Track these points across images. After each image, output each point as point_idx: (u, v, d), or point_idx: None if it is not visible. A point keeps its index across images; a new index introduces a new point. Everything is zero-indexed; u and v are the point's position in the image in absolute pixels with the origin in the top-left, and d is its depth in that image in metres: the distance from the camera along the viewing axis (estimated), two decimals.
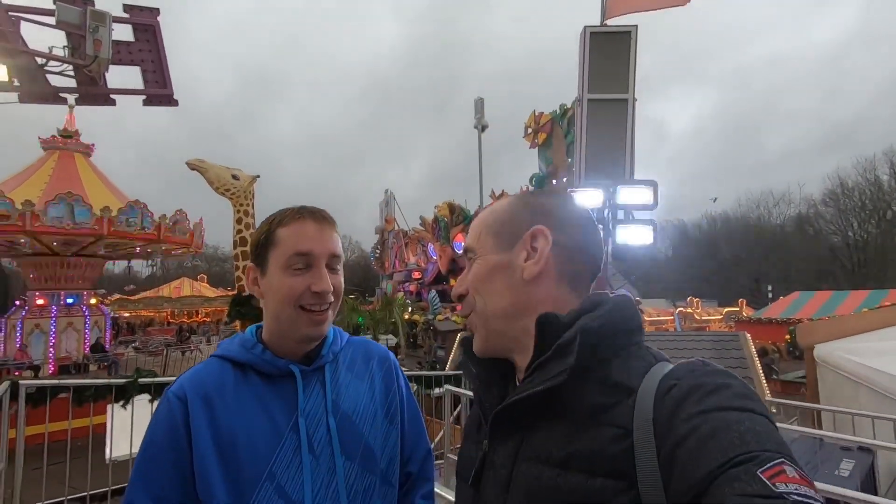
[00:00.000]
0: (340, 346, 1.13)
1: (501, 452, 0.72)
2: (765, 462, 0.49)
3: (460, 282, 0.83)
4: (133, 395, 3.57)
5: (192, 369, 1.04)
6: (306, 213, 1.04)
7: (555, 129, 19.01)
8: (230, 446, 0.94)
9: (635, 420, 0.61)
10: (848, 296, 19.07)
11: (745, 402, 0.57)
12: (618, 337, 0.70)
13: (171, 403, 0.97)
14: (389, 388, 1.15)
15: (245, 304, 6.38)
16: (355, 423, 1.05)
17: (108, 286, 39.56)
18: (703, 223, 52.61)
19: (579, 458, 0.62)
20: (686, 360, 0.66)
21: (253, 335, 1.08)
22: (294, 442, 0.98)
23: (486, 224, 0.82)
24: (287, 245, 1.01)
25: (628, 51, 5.18)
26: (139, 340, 23.38)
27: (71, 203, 13.44)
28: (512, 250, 0.77)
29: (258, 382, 1.02)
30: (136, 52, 6.29)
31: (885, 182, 38.13)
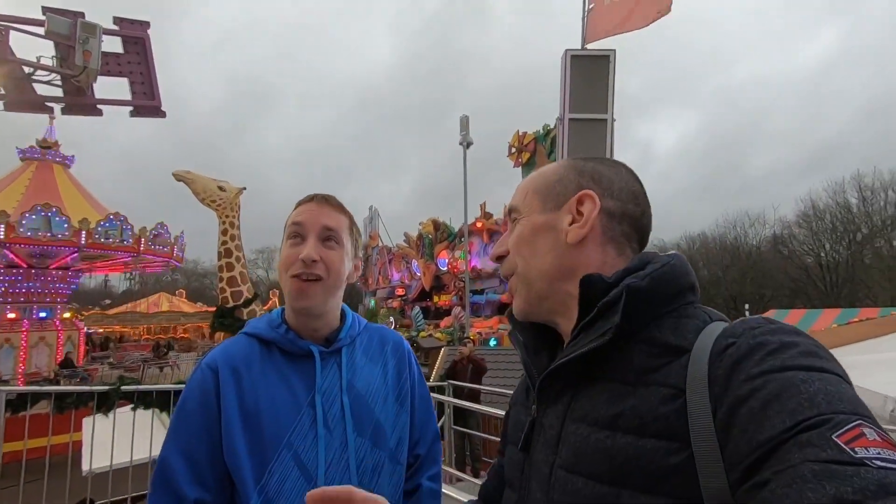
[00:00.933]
0: (358, 331, 1.21)
1: (550, 415, 0.72)
2: (840, 425, 0.45)
3: (500, 242, 0.83)
4: (115, 403, 3.52)
5: (224, 343, 1.15)
6: (312, 196, 1.16)
7: (538, 148, 19.41)
8: (254, 415, 1.03)
9: (688, 380, 0.57)
10: (821, 314, 19.57)
11: (814, 361, 0.52)
12: (668, 296, 0.67)
13: (204, 373, 1.06)
14: (401, 373, 1.23)
15: (228, 315, 6.33)
16: (367, 403, 1.13)
17: (83, 300, 38.49)
18: (682, 242, 53.74)
19: (628, 419, 0.60)
20: (745, 318, 0.63)
21: (279, 316, 1.16)
22: (311, 416, 1.07)
23: (534, 185, 0.81)
24: (289, 220, 1.13)
25: (607, 73, 5.41)
26: (114, 356, 22.70)
27: (48, 214, 13.21)
28: (558, 212, 0.76)
29: (281, 359, 1.10)
30: (125, 63, 6.33)
31: (853, 205, 39.58)
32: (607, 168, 0.79)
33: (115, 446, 3.58)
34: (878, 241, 38.08)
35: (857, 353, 6.63)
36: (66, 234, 13.44)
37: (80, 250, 13.85)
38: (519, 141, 20.01)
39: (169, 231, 16.69)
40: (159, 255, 16.33)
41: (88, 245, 13.81)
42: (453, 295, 23.05)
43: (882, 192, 38.32)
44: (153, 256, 16.19)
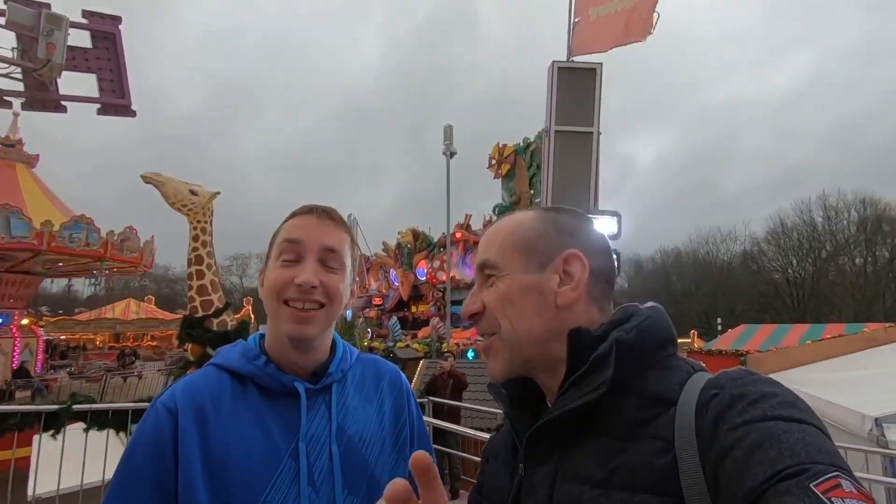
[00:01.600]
0: (350, 364, 1.03)
1: (539, 474, 0.70)
2: (819, 475, 0.46)
3: (473, 299, 0.77)
4: (65, 424, 3.22)
5: (187, 378, 0.94)
6: (311, 209, 0.98)
7: (518, 160, 19.52)
8: (222, 468, 0.84)
9: (676, 432, 0.58)
10: (790, 329, 20.11)
11: (793, 412, 0.54)
12: (653, 348, 0.68)
13: (160, 414, 0.86)
14: (400, 414, 1.06)
15: (197, 326, 6.03)
16: (361, 452, 0.96)
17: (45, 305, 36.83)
18: (657, 257, 54.82)
19: (621, 475, 0.60)
20: (728, 369, 0.64)
21: (256, 344, 0.98)
22: (293, 470, 0.87)
23: (513, 240, 0.76)
24: (281, 236, 0.95)
25: (594, 86, 5.39)
26: (75, 365, 21.66)
27: (7, 215, 12.55)
28: (543, 272, 0.73)
29: (258, 398, 0.91)
30: (93, 59, 6.02)
31: (819, 224, 41.09)
32: (582, 223, 0.78)
33: (64, 468, 3.29)
34: (842, 258, 39.59)
35: (831, 371, 6.73)
36: (27, 236, 12.78)
37: (41, 254, 13.17)
38: (499, 153, 20.09)
39: (138, 235, 16.06)
40: (127, 261, 15.67)
41: (51, 248, 13.13)
42: (431, 305, 22.87)
43: (845, 211, 39.98)
44: (121, 261, 15.53)
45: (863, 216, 38.93)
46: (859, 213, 39.20)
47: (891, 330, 7.53)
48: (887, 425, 4.32)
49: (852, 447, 4.09)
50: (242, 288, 55.81)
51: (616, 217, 5.20)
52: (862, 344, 7.56)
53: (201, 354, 5.96)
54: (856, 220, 39.36)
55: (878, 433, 4.54)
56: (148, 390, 14.44)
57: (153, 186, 6.28)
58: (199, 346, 6.00)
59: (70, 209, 15.86)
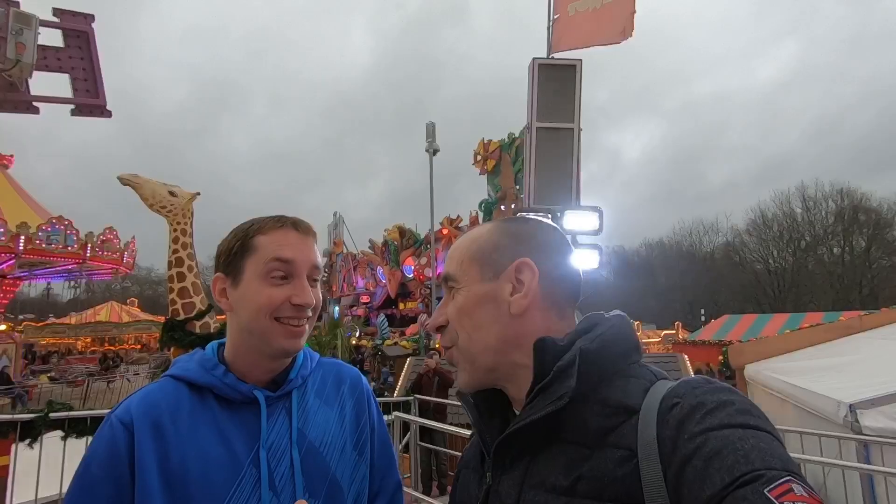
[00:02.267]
0: (310, 369, 1.04)
1: (506, 482, 0.71)
2: (772, 480, 0.49)
3: (439, 312, 0.79)
4: (42, 433, 3.16)
5: (143, 390, 0.93)
6: (288, 222, 0.96)
7: (503, 156, 19.55)
8: (181, 482, 0.84)
9: (639, 440, 0.60)
10: (771, 318, 20.55)
11: (748, 419, 0.57)
12: (616, 357, 0.70)
13: (115, 429, 0.86)
14: (360, 417, 1.06)
15: (178, 329, 5.95)
16: (322, 455, 0.96)
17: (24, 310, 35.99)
18: (642, 250, 55.43)
19: (586, 483, 0.61)
20: (687, 378, 0.66)
21: (214, 353, 0.97)
22: (254, 476, 0.88)
23: (469, 252, 0.78)
24: (267, 251, 0.93)
25: (574, 83, 5.42)
26: (56, 369, 21.20)
27: None
28: (497, 281, 0.75)
29: (217, 408, 0.91)
30: (65, 58, 5.88)
31: (798, 214, 41.90)
32: (540, 231, 0.79)
33: (42, 477, 3.23)
34: (821, 248, 40.45)
35: (808, 359, 6.88)
36: (2, 239, 12.48)
37: (17, 257, 12.87)
38: (484, 149, 20.10)
39: (118, 237, 15.77)
40: (107, 262, 15.39)
41: (28, 251, 12.85)
42: (419, 302, 22.86)
43: (824, 202, 40.79)
44: (100, 263, 15.24)
45: (840, 207, 39.81)
46: (837, 203, 40.08)
47: (866, 318, 7.72)
48: (861, 412, 4.44)
49: (826, 433, 4.19)
50: None
51: (598, 212, 5.24)
52: (838, 332, 7.74)
53: None
54: (833, 210, 40.24)
55: (852, 419, 4.66)
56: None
57: (131, 188, 6.17)
58: (182, 349, 5.93)
59: (46, 210, 15.52)
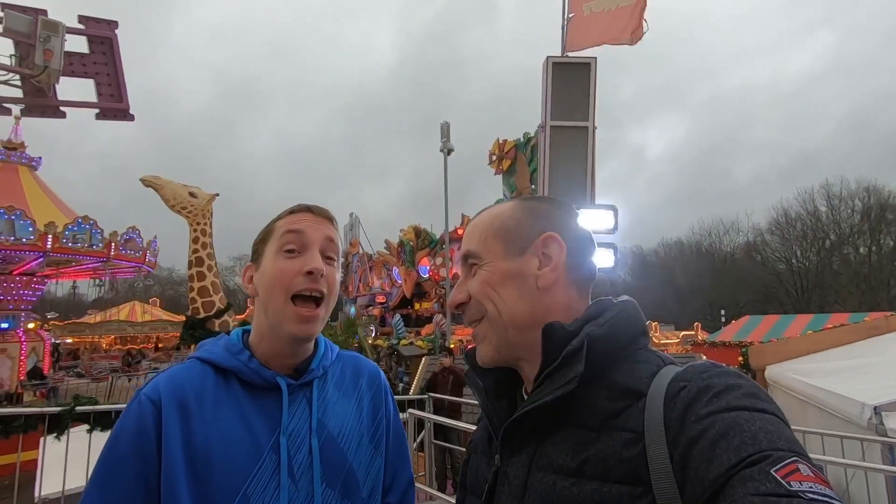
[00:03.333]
0: (330, 360, 1.06)
1: (515, 464, 0.72)
2: (778, 461, 0.50)
3: (459, 289, 0.79)
4: (68, 426, 3.26)
5: (170, 370, 0.95)
6: (305, 207, 1.01)
7: (518, 156, 19.46)
8: (204, 461, 0.86)
9: (646, 423, 0.61)
10: (794, 319, 20.06)
11: (755, 402, 0.57)
12: (624, 342, 0.71)
13: (143, 406, 0.88)
14: (377, 411, 1.08)
15: (199, 327, 6.08)
16: (339, 447, 0.98)
17: (51, 310, 37.08)
18: (660, 250, 54.65)
19: (592, 465, 0.62)
20: (694, 362, 0.67)
21: (239, 338, 1.00)
22: (273, 462, 0.90)
23: (492, 229, 0.78)
24: (282, 229, 0.97)
25: (588, 81, 5.38)
26: (82, 365, 21.81)
27: (11, 217, 12.66)
28: (522, 257, 0.76)
29: (240, 392, 0.94)
30: (90, 64, 6.05)
31: (822, 213, 40.87)
32: (559, 209, 0.80)
33: (69, 469, 3.33)
34: (846, 247, 39.38)
35: (832, 360, 6.72)
36: (32, 237, 12.88)
37: (46, 255, 13.26)
38: (499, 149, 20.04)
39: (141, 236, 16.15)
40: (131, 261, 15.76)
41: (55, 249, 13.23)
42: (434, 302, 22.88)
43: (849, 200, 39.71)
44: (124, 262, 15.61)
45: (867, 205, 38.70)
46: (863, 201, 38.98)
47: (892, 318, 7.51)
48: (886, 413, 4.32)
49: (849, 435, 4.09)
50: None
51: (612, 211, 5.20)
52: (863, 333, 7.54)
53: None
54: (860, 208, 39.13)
55: (876, 421, 4.54)
56: None
57: (153, 190, 6.33)
58: None
59: (73, 211, 15.97)
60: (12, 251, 12.98)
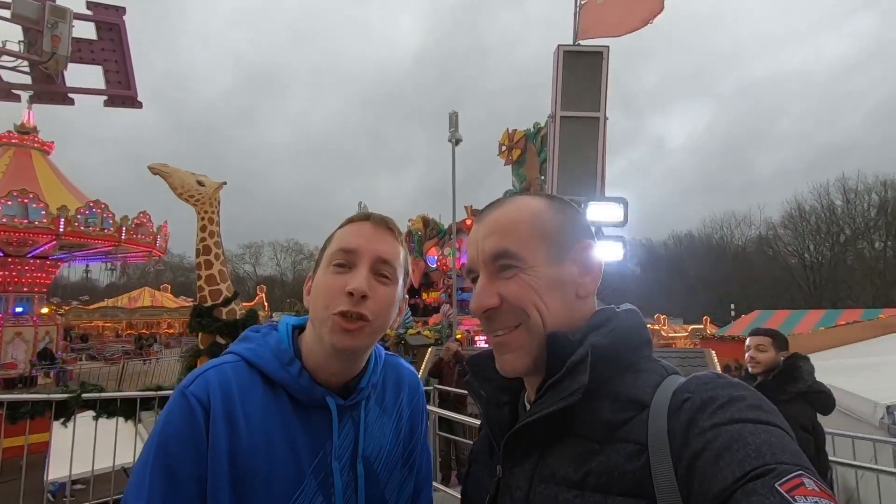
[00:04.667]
0: (378, 376, 0.99)
1: (517, 475, 0.71)
2: (783, 475, 0.49)
3: (488, 293, 0.72)
4: (75, 412, 3.30)
5: (217, 370, 0.86)
6: (368, 216, 0.94)
7: (528, 146, 19.30)
8: (247, 479, 0.80)
9: (650, 435, 0.60)
10: (805, 314, 19.83)
11: (760, 414, 0.56)
12: (627, 352, 0.70)
13: (193, 406, 0.80)
14: (415, 431, 1.03)
15: (206, 315, 6.12)
16: (376, 472, 0.93)
17: (63, 295, 37.68)
18: (670, 242, 54.19)
19: (596, 477, 0.61)
20: (698, 373, 0.65)
21: (289, 339, 0.92)
22: (313, 488, 0.84)
23: (536, 229, 0.73)
24: (337, 242, 0.92)
25: (600, 70, 5.27)
26: (94, 348, 22.18)
27: (24, 201, 12.84)
28: (562, 263, 0.73)
29: (287, 407, 0.87)
30: (98, 50, 6.04)
31: (838, 207, 40.17)
32: (581, 214, 0.79)
33: (76, 455, 3.37)
34: (861, 242, 38.75)
35: (844, 357, 6.62)
36: (44, 221, 13.06)
37: (58, 238, 13.45)
38: (509, 139, 19.87)
39: (152, 220, 16.29)
40: (141, 245, 15.94)
41: (67, 233, 13.44)
42: (442, 292, 22.92)
43: (865, 194, 39.00)
44: (135, 246, 15.78)
45: (884, 199, 37.97)
46: (880, 195, 38.24)
47: None
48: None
49: (860, 436, 4.02)
50: (256, 276, 56.57)
51: (622, 203, 5.12)
52: (877, 330, 7.41)
53: (211, 343, 6.07)
54: (876, 203, 38.41)
55: (889, 421, 4.47)
56: (165, 377, 14.74)
57: (161, 178, 6.33)
58: (209, 335, 6.10)
59: (85, 195, 16.13)
60: (26, 234, 13.16)
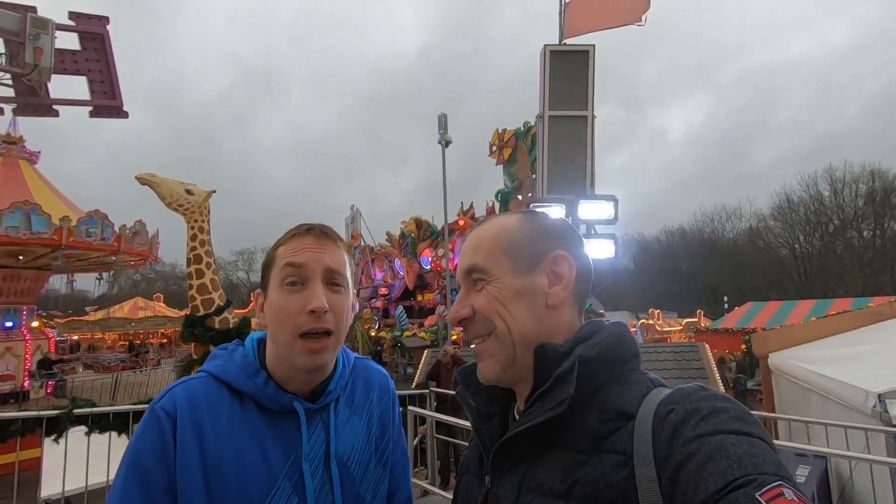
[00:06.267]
0: (347, 379, 1.01)
1: (505, 486, 0.72)
2: (763, 485, 0.50)
3: (461, 304, 0.77)
4: (67, 428, 3.26)
5: (184, 385, 0.90)
6: (305, 229, 0.95)
7: (519, 145, 19.34)
8: (220, 482, 0.83)
9: (635, 446, 0.61)
10: (797, 305, 19.98)
11: (742, 426, 0.58)
12: (615, 364, 0.71)
13: (161, 419, 0.84)
14: (386, 428, 1.05)
15: (199, 325, 6.08)
16: (350, 471, 0.95)
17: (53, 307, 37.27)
18: (662, 237, 54.52)
19: (582, 488, 0.62)
20: (683, 385, 0.67)
21: (255, 353, 0.96)
22: (287, 490, 0.87)
23: (500, 244, 0.77)
24: (282, 259, 0.92)
25: (587, 69, 5.30)
26: (85, 357, 21.96)
27: (27, 211, 12.87)
28: (531, 274, 0.75)
29: (255, 415, 0.90)
30: (82, 61, 6.00)
31: (826, 198, 40.56)
32: (562, 224, 0.81)
33: (68, 471, 3.33)
34: (850, 232, 39.16)
35: (835, 347, 6.68)
36: (47, 232, 13.04)
37: (60, 248, 13.34)
38: (499, 138, 19.91)
39: (147, 228, 16.19)
40: (139, 253, 15.82)
41: (70, 243, 13.42)
42: (437, 293, 22.90)
43: (853, 184, 39.38)
44: (133, 254, 15.65)
45: (871, 188, 38.40)
46: (867, 185, 38.67)
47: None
48: (891, 401, 4.29)
49: (853, 425, 4.06)
50: (249, 283, 56.21)
51: (613, 201, 5.15)
52: (867, 319, 7.49)
53: (204, 353, 6.03)
54: (864, 192, 38.84)
55: (881, 409, 4.51)
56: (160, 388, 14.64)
57: (149, 188, 6.28)
58: (202, 345, 6.06)
59: (75, 204, 15.98)
60: (28, 245, 13.09)
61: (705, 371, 7.63)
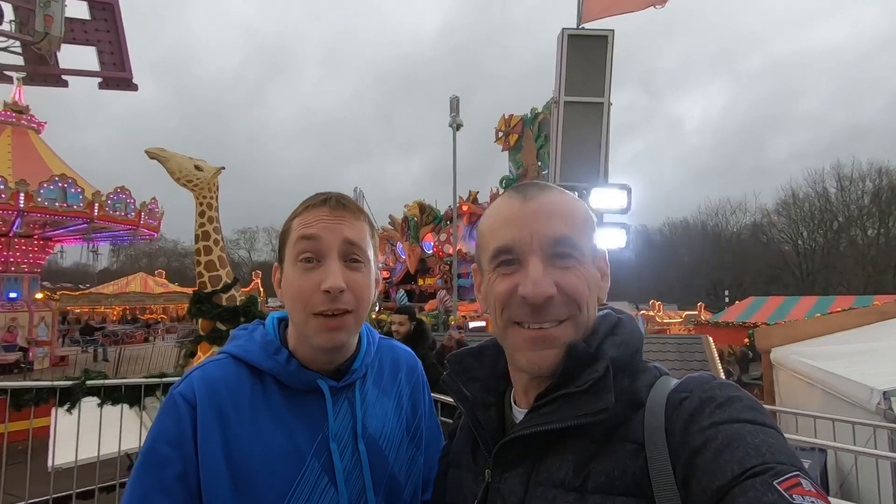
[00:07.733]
0: (372, 356, 0.98)
1: (509, 479, 0.69)
2: (781, 474, 0.50)
3: (546, 279, 0.66)
4: (80, 399, 3.29)
5: (203, 368, 0.87)
6: (322, 199, 0.88)
7: (525, 131, 19.18)
8: (246, 473, 0.80)
9: (646, 433, 0.61)
10: (798, 301, 19.99)
11: (756, 415, 0.57)
12: (632, 357, 0.71)
13: (180, 407, 0.81)
14: (417, 407, 1.02)
15: (206, 301, 6.08)
16: (381, 450, 0.92)
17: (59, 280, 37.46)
18: (665, 229, 54.39)
19: (596, 478, 0.61)
20: (693, 374, 0.67)
21: (276, 332, 0.92)
22: (316, 470, 0.84)
23: (587, 223, 0.72)
24: (296, 232, 0.86)
25: (605, 55, 5.20)
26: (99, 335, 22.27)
27: (64, 186, 13.21)
28: (593, 265, 0.73)
29: (279, 396, 0.87)
30: (91, 31, 5.89)
31: (832, 194, 40.38)
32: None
33: (81, 440, 3.38)
34: (854, 229, 39.04)
35: (839, 343, 6.70)
36: (81, 205, 13.33)
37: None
38: (506, 124, 19.75)
39: (132, 196, 16.23)
40: (120, 222, 15.90)
41: (99, 217, 13.77)
42: (438, 278, 22.94)
43: (860, 181, 39.18)
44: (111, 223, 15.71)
45: (878, 186, 38.17)
46: (874, 183, 38.43)
47: None
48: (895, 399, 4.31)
49: (858, 421, 4.08)
50: (251, 262, 56.35)
51: (626, 190, 5.10)
52: (872, 317, 7.50)
53: (211, 329, 6.04)
54: (871, 190, 38.61)
55: (885, 407, 4.53)
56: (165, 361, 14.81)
57: (158, 162, 6.22)
58: (209, 321, 6.06)
59: (79, 175, 15.97)
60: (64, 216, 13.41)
61: (708, 364, 7.66)
